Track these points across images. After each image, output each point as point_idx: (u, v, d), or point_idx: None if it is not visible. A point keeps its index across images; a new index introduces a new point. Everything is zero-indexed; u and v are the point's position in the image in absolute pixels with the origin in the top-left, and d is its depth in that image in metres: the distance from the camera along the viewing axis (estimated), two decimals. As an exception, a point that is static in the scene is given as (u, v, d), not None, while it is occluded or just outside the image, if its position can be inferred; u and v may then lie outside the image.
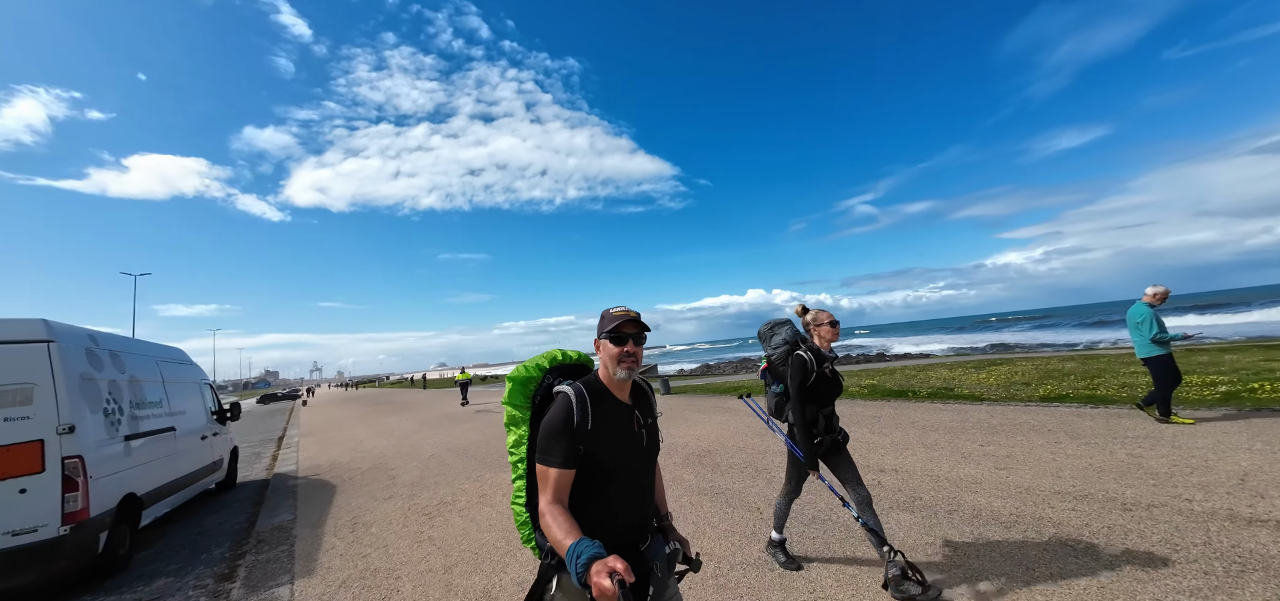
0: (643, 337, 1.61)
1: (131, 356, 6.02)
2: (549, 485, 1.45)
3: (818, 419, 3.04)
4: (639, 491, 1.61)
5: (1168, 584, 2.71)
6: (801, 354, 3.02)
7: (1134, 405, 6.93)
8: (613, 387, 1.60)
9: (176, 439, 6.48)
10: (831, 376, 3.07)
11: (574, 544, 1.29)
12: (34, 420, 4.18)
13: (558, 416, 1.49)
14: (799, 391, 2.99)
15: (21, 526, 3.98)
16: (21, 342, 4.34)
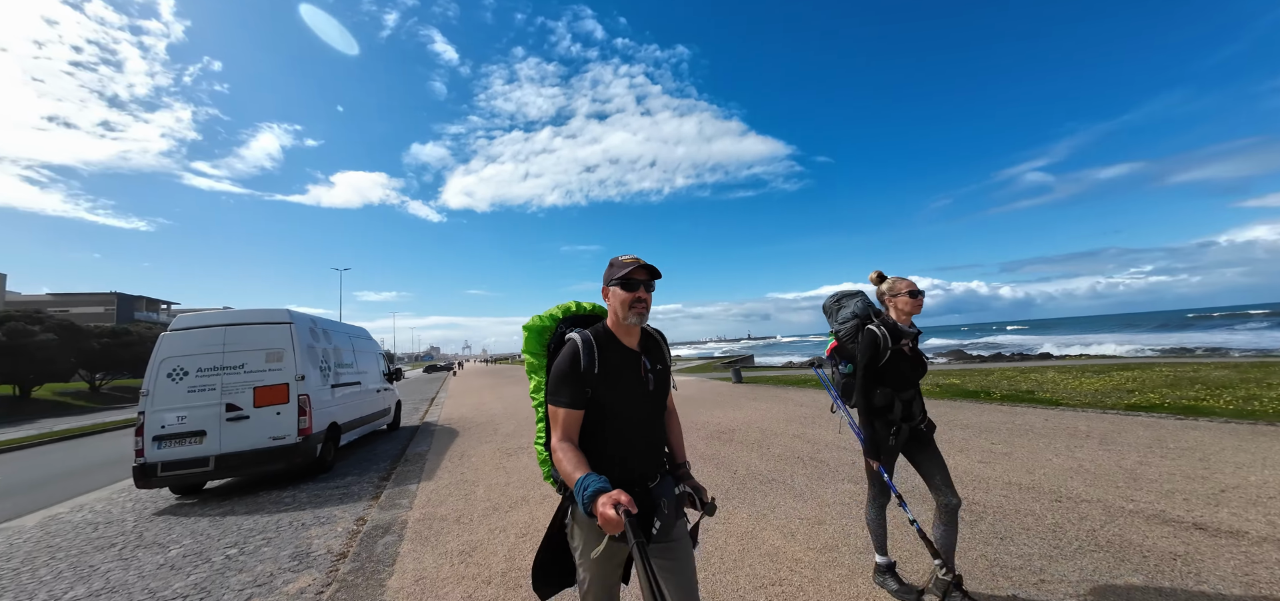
0: (652, 285, 1.65)
1: (335, 332, 8.92)
2: (558, 423, 1.55)
3: (893, 404, 2.60)
4: (646, 434, 1.66)
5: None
6: (873, 328, 2.62)
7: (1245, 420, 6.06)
8: (621, 335, 1.66)
9: (361, 390, 9.38)
10: (912, 355, 2.66)
11: (582, 477, 1.36)
12: (283, 370, 6.84)
13: (565, 360, 1.58)
14: (867, 369, 2.61)
15: (277, 434, 6.63)
16: (276, 324, 7.07)
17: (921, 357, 2.72)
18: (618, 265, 1.64)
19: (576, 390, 1.54)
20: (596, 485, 1.31)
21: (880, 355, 2.60)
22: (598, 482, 1.32)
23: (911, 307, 2.64)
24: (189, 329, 6.70)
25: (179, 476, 6.21)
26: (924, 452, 2.64)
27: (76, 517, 5.97)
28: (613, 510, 1.23)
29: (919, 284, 2.68)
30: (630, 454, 1.62)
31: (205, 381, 6.47)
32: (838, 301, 2.96)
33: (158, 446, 6.17)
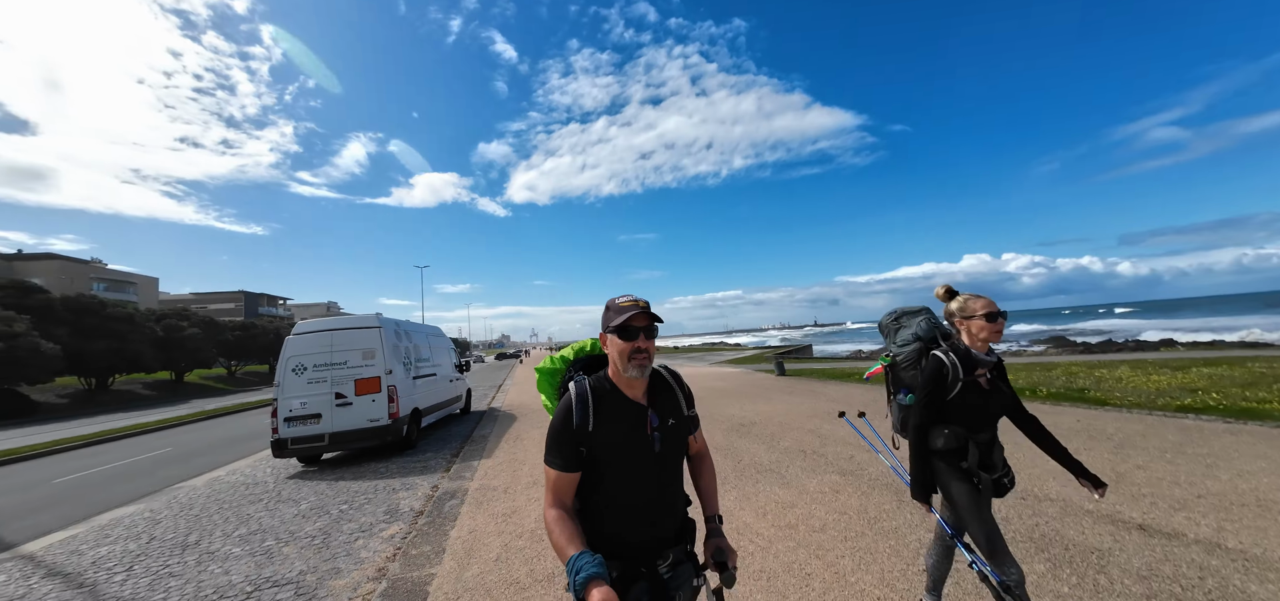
0: (654, 330, 1.45)
1: (414, 332, 10.51)
2: (550, 485, 1.40)
3: (965, 447, 2.17)
4: (652, 503, 1.45)
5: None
6: (940, 355, 2.19)
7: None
8: (623, 385, 1.48)
9: (436, 380, 10.97)
10: (990, 389, 2.19)
11: (576, 556, 1.23)
12: (375, 365, 8.38)
13: (558, 416, 1.44)
14: (927, 402, 2.21)
15: (373, 417, 8.18)
16: (368, 328, 8.62)
17: (1001, 391, 2.21)
18: (614, 310, 1.45)
19: (569, 451, 1.39)
20: (590, 570, 1.18)
21: (947, 387, 2.15)
22: (592, 567, 1.19)
23: (989, 333, 2.15)
24: (306, 334, 8.40)
25: (303, 449, 7.91)
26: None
27: (232, 479, 7.82)
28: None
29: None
30: (630, 526, 1.42)
31: (319, 375, 8.13)
32: (897, 320, 2.58)
33: (287, 425, 7.90)
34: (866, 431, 2.90)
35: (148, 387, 36.53)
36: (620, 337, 1.42)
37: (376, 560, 4.23)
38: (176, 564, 4.51)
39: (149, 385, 37.27)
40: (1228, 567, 3.05)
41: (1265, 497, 4.02)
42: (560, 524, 1.33)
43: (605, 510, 1.43)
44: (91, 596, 4.00)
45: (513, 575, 3.62)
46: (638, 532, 1.43)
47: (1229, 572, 3.00)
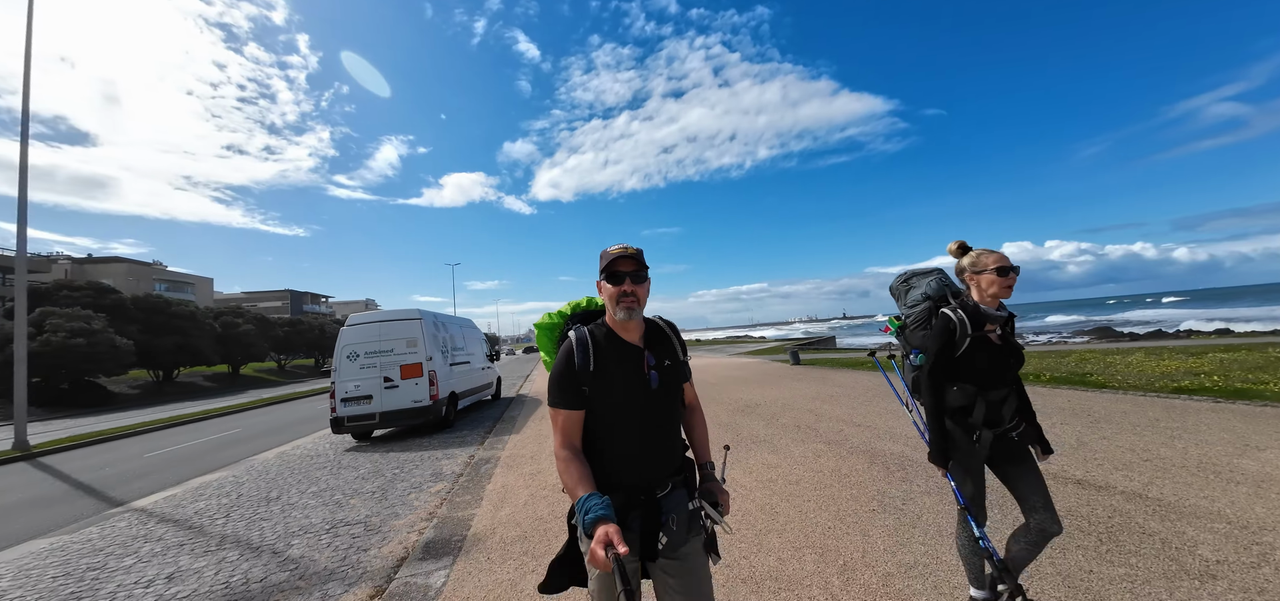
0: (642, 275, 1.53)
1: (450, 323, 11.52)
2: (558, 426, 1.49)
3: (974, 404, 2.16)
4: (651, 437, 1.53)
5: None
6: (949, 313, 2.18)
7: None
8: (620, 330, 1.56)
9: (470, 368, 11.98)
10: (1002, 345, 2.16)
11: (585, 497, 1.32)
12: (417, 353, 9.37)
13: (560, 360, 1.53)
14: (936, 360, 2.19)
15: (416, 398, 9.18)
16: (411, 320, 9.62)
17: (1014, 347, 2.18)
18: (604, 256, 1.54)
19: (572, 391, 1.49)
20: (598, 511, 1.27)
21: (955, 344, 2.14)
22: (600, 508, 1.28)
23: (999, 288, 2.12)
24: (357, 324, 9.47)
25: (357, 426, 8.97)
26: (1019, 467, 2.16)
27: (297, 452, 8.95)
28: (602, 550, 1.19)
29: (1011, 258, 2.16)
30: (632, 459, 1.51)
31: (370, 361, 9.18)
32: (906, 282, 2.55)
33: (344, 405, 8.98)
34: (895, 380, 2.90)
35: (207, 379, 39.51)
36: (609, 282, 1.52)
37: (427, 507, 5.12)
38: (264, 512, 5.50)
39: (209, 377, 40.29)
40: (1138, 510, 3.56)
41: (1209, 461, 4.44)
42: (569, 464, 1.42)
43: (609, 447, 1.51)
44: (200, 534, 5.01)
45: (537, 513, 4.43)
46: (641, 467, 1.51)
47: (1137, 512, 3.52)
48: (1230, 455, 4.51)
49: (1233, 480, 3.94)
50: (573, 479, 1.39)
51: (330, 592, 3.43)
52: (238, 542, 4.60)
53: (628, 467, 1.51)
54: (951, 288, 2.42)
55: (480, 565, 3.55)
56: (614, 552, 1.17)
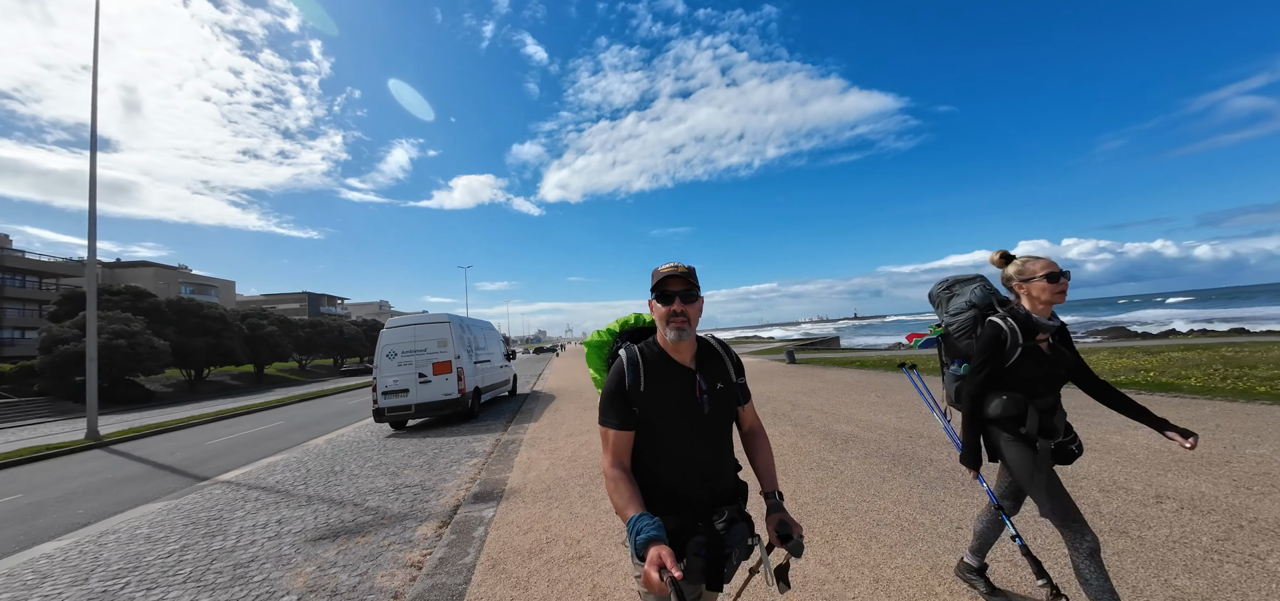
0: (692, 294, 1.50)
1: (473, 326, 12.81)
2: (609, 446, 1.48)
3: (1025, 413, 2.13)
4: (703, 462, 1.51)
5: (856, 456, 5.53)
6: (998, 321, 2.15)
7: None
8: (671, 350, 1.53)
9: (491, 365, 13.26)
10: (1051, 355, 2.14)
11: (635, 517, 1.30)
12: (447, 352, 10.65)
13: (611, 379, 1.52)
14: (981, 368, 2.17)
15: (446, 392, 10.46)
16: (441, 323, 10.91)
17: (1066, 356, 2.16)
18: (655, 275, 1.53)
19: (623, 410, 1.48)
20: (649, 532, 1.24)
21: (1006, 354, 2.13)
22: (651, 530, 1.25)
23: (1051, 295, 2.09)
24: (395, 328, 10.77)
25: (395, 415, 10.27)
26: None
27: (345, 439, 10.27)
28: (656, 573, 1.17)
29: (1059, 265, 2.12)
30: (684, 483, 1.49)
31: (406, 359, 10.47)
32: (949, 288, 2.52)
33: (384, 397, 10.27)
34: (926, 390, 3.02)
35: (235, 379, 41.46)
36: (659, 301, 1.50)
37: (468, 473, 6.36)
38: (334, 480, 6.76)
39: (236, 376, 42.25)
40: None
41: (1090, 438, 5.51)
42: (619, 484, 1.40)
43: (661, 468, 1.49)
44: (288, 496, 6.26)
45: (558, 476, 5.65)
46: (693, 490, 1.49)
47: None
48: (1107, 433, 5.59)
49: (1104, 451, 5.03)
50: (622, 499, 1.38)
51: (408, 526, 4.67)
52: (323, 500, 5.86)
53: (677, 494, 1.49)
54: (998, 295, 2.35)
55: (517, 506, 4.77)
56: (669, 575, 1.15)
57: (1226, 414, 6.09)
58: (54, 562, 4.59)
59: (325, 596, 3.41)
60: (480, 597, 3.13)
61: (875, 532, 3.50)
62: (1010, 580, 2.74)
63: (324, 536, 4.61)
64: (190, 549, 4.63)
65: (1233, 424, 5.63)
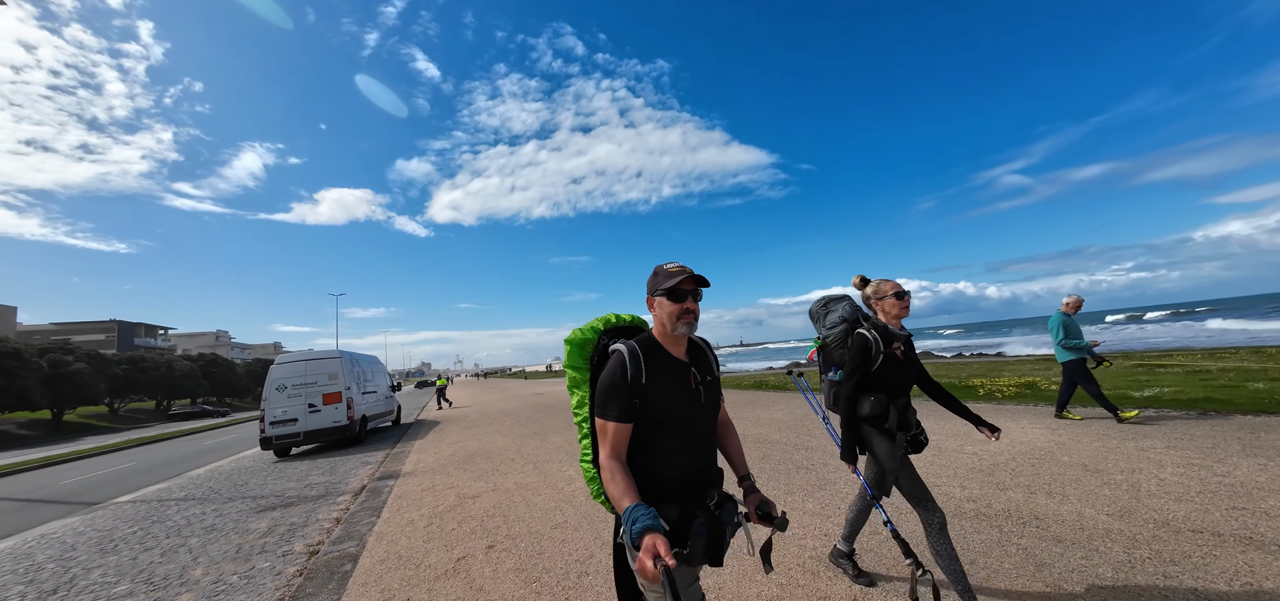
0: (700, 294, 1.64)
1: (361, 360, 14.30)
2: (608, 439, 1.52)
3: (888, 411, 2.51)
4: (698, 446, 1.63)
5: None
6: (864, 332, 2.54)
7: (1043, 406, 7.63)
8: (667, 345, 1.64)
9: (377, 397, 14.75)
10: (905, 359, 2.55)
11: (631, 507, 1.35)
12: (337, 384, 12.21)
13: (613, 371, 1.56)
14: (854, 373, 2.53)
15: (336, 420, 11.99)
16: (332, 358, 12.45)
17: (915, 360, 2.62)
18: (663, 274, 1.63)
19: (625, 402, 1.52)
20: (645, 522, 1.30)
21: (872, 360, 2.51)
22: (647, 519, 1.30)
23: (898, 310, 2.57)
24: (286, 363, 12.07)
25: (282, 442, 11.53)
26: (908, 467, 2.52)
27: (230, 467, 11.25)
28: (650, 561, 1.21)
29: (905, 285, 2.57)
30: (684, 469, 1.59)
31: (296, 391, 11.83)
32: (825, 306, 2.90)
33: (272, 427, 11.50)
34: (811, 397, 3.41)
35: (23, 427, 34.46)
36: (670, 299, 1.60)
37: (368, 472, 8.45)
38: (249, 485, 8.32)
39: (24, 424, 35.08)
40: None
41: (794, 421, 9.39)
42: (616, 475, 1.46)
43: (656, 459, 1.57)
44: (213, 498, 7.75)
45: (442, 462, 8.09)
46: (692, 476, 1.60)
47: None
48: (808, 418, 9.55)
49: (752, 422, 8.84)
50: (619, 489, 1.43)
51: (330, 498, 6.80)
52: (248, 496, 7.55)
53: (677, 479, 1.57)
54: (861, 312, 2.74)
55: (412, 478, 7.18)
56: (663, 564, 1.19)
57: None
58: (14, 555, 5.95)
59: (284, 530, 5.57)
60: (391, 514, 5.60)
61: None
62: (882, 559, 3.12)
63: (263, 510, 6.55)
64: (143, 533, 6.22)
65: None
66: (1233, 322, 45.40)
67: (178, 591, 4.10)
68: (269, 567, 4.43)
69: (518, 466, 7.39)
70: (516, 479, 6.61)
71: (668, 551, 1.22)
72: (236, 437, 19.64)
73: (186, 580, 4.33)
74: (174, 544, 5.49)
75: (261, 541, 5.24)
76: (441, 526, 4.96)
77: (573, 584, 3.36)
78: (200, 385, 54.55)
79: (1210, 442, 5.05)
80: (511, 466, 7.44)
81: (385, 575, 3.87)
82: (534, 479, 6.52)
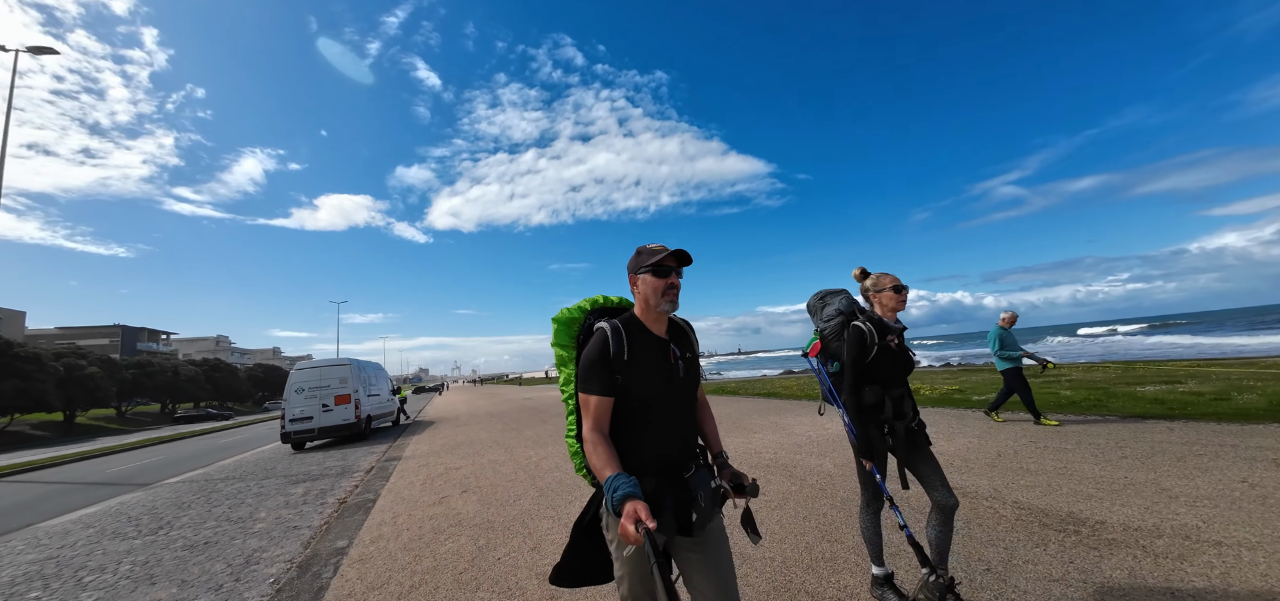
0: (682, 272, 1.69)
1: (366, 366, 16.30)
2: (590, 412, 1.60)
3: (882, 402, 2.58)
4: (677, 421, 1.70)
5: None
6: (859, 324, 2.60)
7: (984, 411, 8.06)
8: (649, 323, 1.71)
9: (380, 398, 16.73)
10: (898, 351, 2.62)
11: (613, 477, 1.41)
12: (347, 387, 14.20)
13: (595, 348, 1.63)
14: (854, 366, 2.58)
15: (345, 418, 13.97)
16: (342, 365, 14.45)
17: (908, 353, 2.68)
18: (647, 253, 1.69)
19: (606, 377, 1.59)
20: (626, 490, 1.36)
21: (867, 351, 2.58)
22: (627, 486, 1.37)
23: (896, 303, 2.65)
24: (303, 370, 14.06)
25: (299, 437, 13.48)
26: (918, 454, 2.57)
27: (255, 457, 13.22)
28: (632, 526, 1.27)
29: (903, 280, 2.66)
30: (662, 442, 1.65)
31: (312, 393, 13.80)
32: (821, 300, 2.96)
33: (291, 423, 13.47)
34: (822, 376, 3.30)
35: (37, 428, 36.21)
36: (655, 275, 1.66)
37: (376, 457, 10.42)
38: (276, 469, 10.25)
39: (37, 426, 36.83)
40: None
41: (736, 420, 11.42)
42: (598, 446, 1.53)
43: (637, 432, 1.65)
44: (259, 474, 9.70)
45: (437, 449, 10.07)
46: (671, 450, 1.67)
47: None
48: (753, 415, 11.55)
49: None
50: (600, 460, 1.49)
51: (348, 473, 8.77)
52: (280, 475, 9.51)
53: (655, 451, 1.64)
54: (857, 305, 2.84)
55: (413, 459, 9.16)
56: (644, 527, 1.26)
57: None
58: (107, 514, 7.92)
59: (317, 492, 7.53)
60: (396, 480, 7.57)
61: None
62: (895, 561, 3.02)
63: (296, 483, 8.53)
64: (206, 497, 8.20)
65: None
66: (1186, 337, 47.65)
67: (255, 522, 6.08)
68: (313, 510, 6.43)
69: (492, 451, 9.40)
70: (489, 457, 8.64)
71: (649, 516, 1.27)
72: (248, 436, 21.57)
73: (256, 518, 6.30)
74: (235, 502, 7.46)
75: (302, 498, 7.23)
76: (432, 484, 6.98)
77: (511, 505, 5.42)
78: (203, 389, 56.31)
79: (1075, 440, 5.90)
80: (487, 450, 9.45)
81: (395, 507, 5.87)
82: (503, 457, 8.54)
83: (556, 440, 10.04)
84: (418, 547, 4.46)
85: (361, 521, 5.51)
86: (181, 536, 5.79)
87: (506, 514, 5.19)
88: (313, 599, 3.59)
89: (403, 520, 5.37)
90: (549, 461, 7.78)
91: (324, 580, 3.90)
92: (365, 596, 3.53)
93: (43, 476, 13.55)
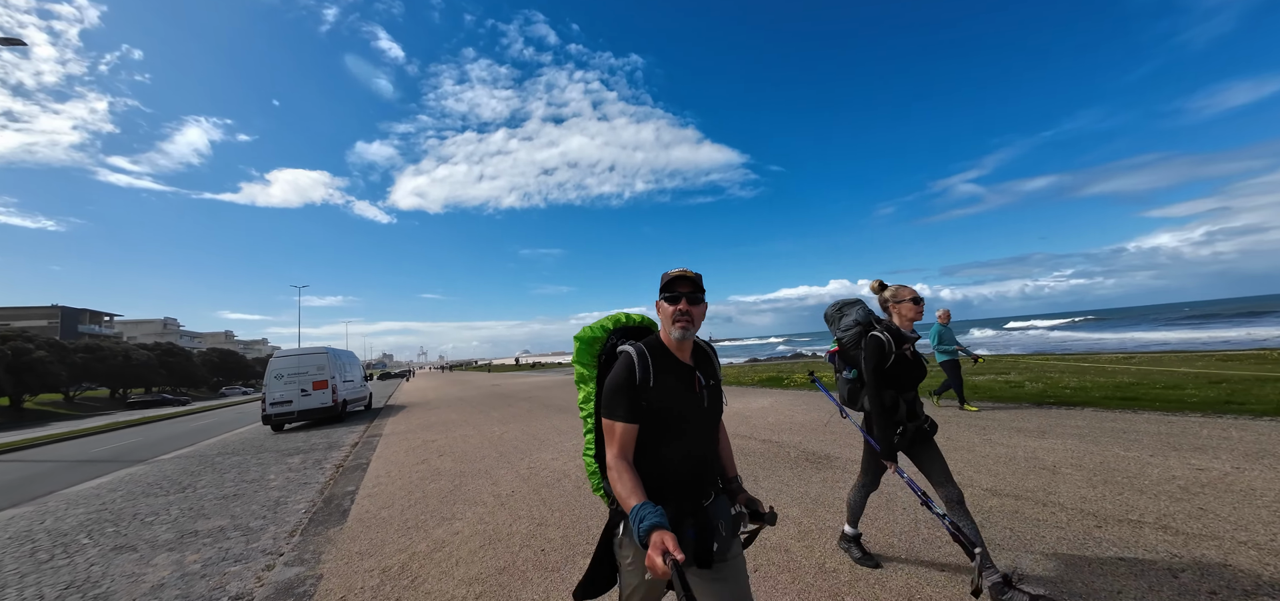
0: (698, 297, 1.65)
1: (340, 353, 17.49)
2: (615, 439, 1.56)
3: (898, 405, 2.77)
4: (700, 448, 1.66)
5: (555, 415, 12.57)
6: (877, 334, 2.79)
7: (930, 394, 8.98)
8: (673, 348, 1.67)
9: (354, 385, 17.97)
10: (913, 359, 2.82)
11: (638, 506, 1.39)
12: (324, 373, 15.45)
13: (620, 374, 1.59)
14: (875, 375, 2.76)
15: (323, 403, 15.24)
16: (320, 353, 15.66)
17: (920, 360, 2.85)
18: (665, 278, 1.67)
19: (632, 403, 1.56)
20: (652, 520, 1.34)
21: (886, 359, 2.74)
22: (654, 517, 1.35)
23: (914, 313, 2.79)
24: (283, 358, 15.21)
25: (279, 419, 14.66)
26: (925, 450, 2.78)
27: (238, 438, 14.36)
28: (660, 558, 1.26)
29: (924, 297, 2.82)
30: (686, 470, 1.62)
31: (292, 379, 14.99)
32: (839, 310, 3.12)
33: (272, 406, 14.64)
34: (831, 395, 3.55)
35: (-19, 414, 35.15)
36: (667, 301, 1.64)
37: (356, 436, 11.86)
38: (265, 446, 11.54)
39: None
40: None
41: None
42: (623, 474, 1.50)
43: (661, 460, 1.61)
44: (243, 450, 10.97)
45: (412, 426, 11.62)
46: (688, 477, 1.63)
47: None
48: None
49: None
50: (626, 489, 1.47)
51: (335, 448, 10.22)
52: (272, 450, 10.85)
53: (678, 480, 1.61)
54: (872, 314, 3.03)
55: (393, 436, 10.70)
56: (672, 559, 1.24)
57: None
58: (124, 482, 9.18)
59: (313, 461, 9.00)
60: (383, 449, 9.13)
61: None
62: (884, 543, 3.30)
63: (291, 455, 9.94)
64: (209, 469, 9.51)
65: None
66: (1093, 334, 53.08)
67: (268, 482, 7.56)
68: (316, 473, 7.95)
69: (462, 428, 11.06)
70: (460, 433, 10.31)
71: (676, 547, 1.27)
72: (217, 420, 22.28)
73: (267, 479, 7.77)
74: (241, 471, 8.84)
75: (301, 465, 8.71)
76: (413, 451, 8.63)
77: (478, 461, 7.20)
78: (157, 374, 54.88)
79: (968, 421, 7.07)
80: (458, 428, 11.11)
81: (387, 467, 7.51)
82: (471, 433, 10.23)
83: (520, 420, 11.74)
84: (410, 486, 6.17)
85: (361, 477, 7.11)
86: (209, 492, 7.21)
87: (474, 467, 6.93)
88: (341, 516, 5.25)
89: (395, 473, 7.02)
90: (510, 436, 9.49)
91: (345, 507, 5.56)
92: (378, 513, 5.22)
93: (27, 456, 14.29)
